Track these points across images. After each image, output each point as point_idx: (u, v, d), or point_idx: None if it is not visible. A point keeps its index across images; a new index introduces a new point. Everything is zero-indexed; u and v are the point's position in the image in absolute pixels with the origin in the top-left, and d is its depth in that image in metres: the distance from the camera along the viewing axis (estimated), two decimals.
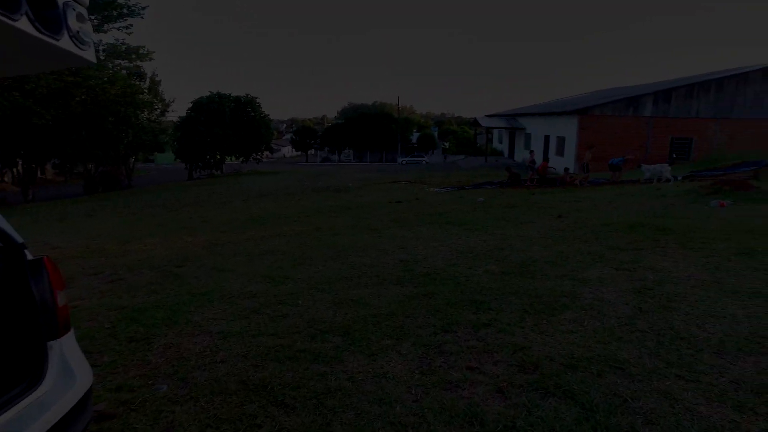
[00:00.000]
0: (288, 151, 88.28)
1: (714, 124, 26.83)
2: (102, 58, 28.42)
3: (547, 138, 33.21)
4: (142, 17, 28.85)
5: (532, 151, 22.15)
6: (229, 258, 7.15)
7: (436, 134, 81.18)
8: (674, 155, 21.30)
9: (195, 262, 6.92)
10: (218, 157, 42.66)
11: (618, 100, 27.47)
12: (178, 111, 71.34)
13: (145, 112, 34.53)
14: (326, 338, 3.73)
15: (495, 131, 49.94)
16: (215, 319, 4.34)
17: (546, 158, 23.98)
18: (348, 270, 5.99)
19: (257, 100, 43.85)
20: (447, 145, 67.31)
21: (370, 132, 64.66)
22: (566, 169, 19.98)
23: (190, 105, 40.72)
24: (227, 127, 40.18)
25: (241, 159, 46.55)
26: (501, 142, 48.64)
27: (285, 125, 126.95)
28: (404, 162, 55.88)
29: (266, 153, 52.47)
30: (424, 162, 54.61)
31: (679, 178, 15.68)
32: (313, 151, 73.89)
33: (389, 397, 2.84)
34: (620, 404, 2.61)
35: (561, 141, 30.00)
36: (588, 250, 6.28)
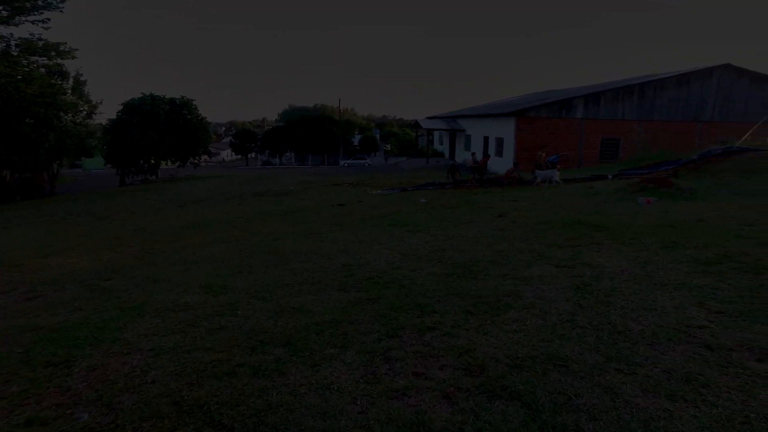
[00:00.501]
0: (227, 154, 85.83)
1: (638, 126, 28.52)
2: (14, 53, 26.23)
3: (486, 139, 34.11)
4: (61, 11, 26.85)
5: (473, 153, 22.63)
6: (163, 268, 6.76)
7: (377, 136, 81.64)
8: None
9: (125, 274, 6.50)
10: (152, 161, 40.77)
11: (552, 103, 28.62)
12: (108, 113, 67.60)
13: (69, 114, 32.38)
14: (267, 350, 3.55)
15: (436, 133, 50.78)
16: (147, 335, 4.05)
17: (486, 155, 24.46)
18: (289, 276, 5.81)
19: (193, 102, 42.34)
20: (389, 146, 67.78)
21: (312, 134, 64.05)
22: (516, 164, 20.34)
23: (121, 107, 38.69)
24: (162, 130, 38.46)
25: (177, 163, 44.73)
26: (442, 144, 49.53)
27: (224, 128, 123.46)
28: (346, 164, 55.77)
29: (204, 157, 50.69)
30: (366, 164, 54.69)
31: (610, 177, 16.50)
32: (253, 155, 72.18)
33: (334, 410, 2.73)
34: (565, 402, 2.62)
35: (500, 142, 30.88)
36: (528, 249, 6.42)
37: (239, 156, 75.47)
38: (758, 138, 15.31)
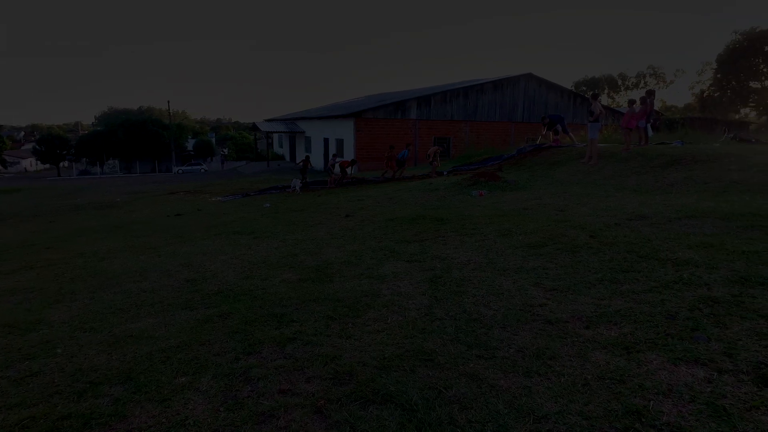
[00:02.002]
0: (30, 163, 73.85)
1: (465, 125, 31.38)
2: None
3: (326, 141, 34.44)
4: None
5: (334, 155, 22.55)
6: None
7: (213, 140, 77.48)
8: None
9: None
10: None
11: (388, 104, 30.01)
12: None
13: None
14: (100, 391, 3.00)
15: (275, 135, 49.84)
16: None
17: (343, 158, 24.63)
18: (123, 300, 5.09)
19: None
20: (226, 151, 64.68)
21: (139, 140, 58.07)
22: (404, 159, 20.50)
23: None
24: None
25: None
26: (282, 146, 48.81)
27: (23, 133, 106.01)
28: (180, 171, 51.83)
29: None
30: (202, 170, 51.50)
31: (446, 173, 17.77)
32: (66, 163, 63.08)
33: None
34: (436, 397, 2.64)
35: (340, 143, 31.42)
36: (379, 246, 6.52)
37: (47, 165, 65.47)
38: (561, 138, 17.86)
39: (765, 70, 44.46)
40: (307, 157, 22.55)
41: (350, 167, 21.37)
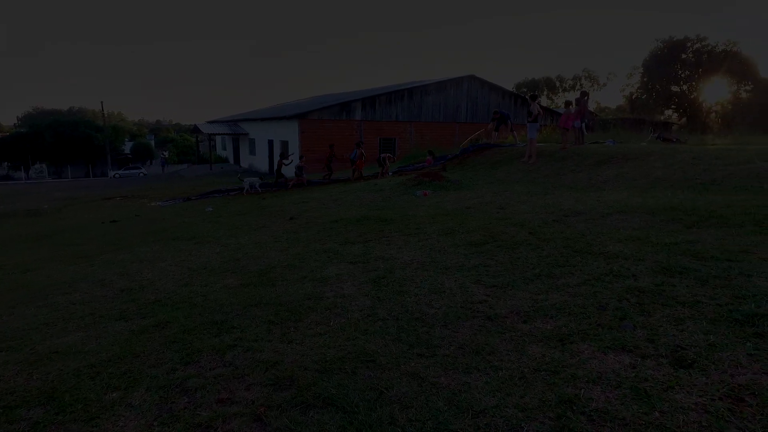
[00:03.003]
0: None
1: (409, 126, 31.70)
2: None
3: (270, 143, 33.85)
4: None
5: (302, 157, 21.98)
6: None
7: (153, 143, 74.40)
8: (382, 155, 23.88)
9: None
10: None
11: (333, 105, 29.86)
12: None
13: None
14: (17, 416, 2.78)
15: (218, 138, 48.51)
16: None
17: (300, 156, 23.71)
18: (49, 314, 4.79)
19: None
20: (167, 154, 62.23)
21: (70, 142, 54.76)
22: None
23: None
24: None
25: None
26: (225, 149, 47.56)
27: None
28: (117, 175, 49.42)
29: None
30: (141, 174, 49.35)
31: (391, 174, 17.88)
32: None
33: None
34: (377, 398, 2.64)
35: (285, 145, 30.95)
36: (323, 249, 6.47)
37: None
38: (501, 135, 18.40)
39: (682, 75, 47.66)
40: (282, 155, 21.75)
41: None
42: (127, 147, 67.09)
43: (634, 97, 51.94)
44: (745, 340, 2.87)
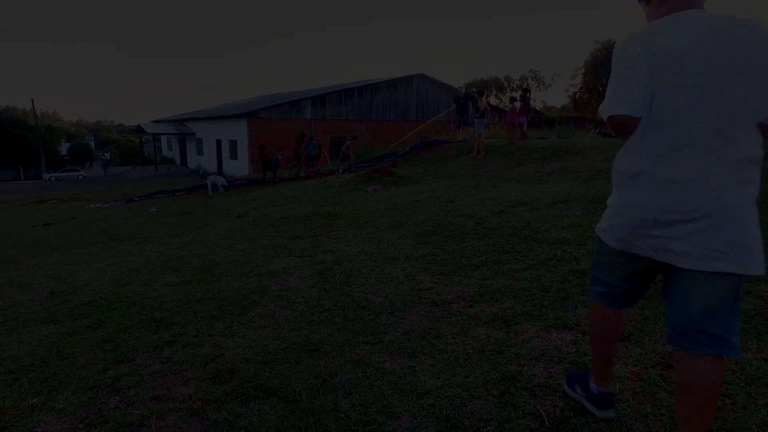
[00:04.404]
0: None
1: (360, 125, 31.62)
2: None
3: (219, 142, 32.97)
4: None
5: (280, 149, 21.19)
6: None
7: (92, 144, 70.99)
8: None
9: None
10: None
11: (282, 104, 29.37)
12: None
13: None
14: None
15: (164, 138, 46.87)
16: None
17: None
18: None
19: None
20: (108, 155, 59.48)
21: None
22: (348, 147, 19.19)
23: None
24: None
25: None
26: (171, 149, 45.94)
27: None
28: (53, 178, 46.79)
29: None
30: (80, 176, 46.95)
31: (341, 171, 17.77)
32: None
33: None
34: (321, 385, 2.56)
35: (233, 144, 30.24)
36: (270, 245, 6.32)
37: None
38: (449, 132, 18.66)
39: None
40: (262, 147, 20.71)
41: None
42: (64, 148, 63.68)
43: (577, 96, 53.94)
44: None
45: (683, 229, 1.59)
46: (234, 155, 30.38)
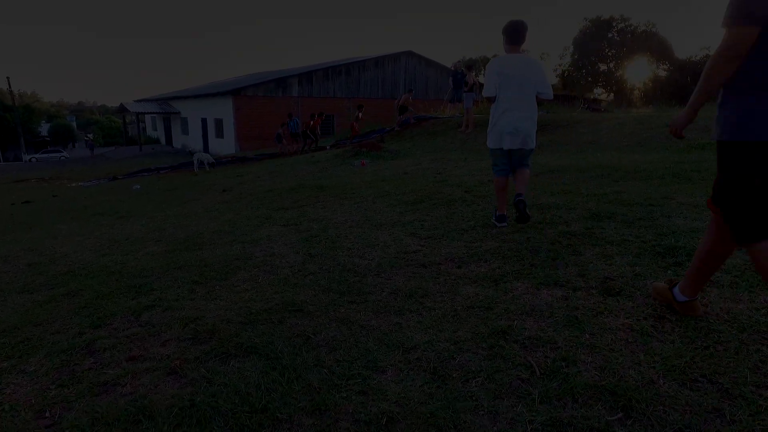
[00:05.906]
0: None
1: (348, 102, 31.21)
2: None
3: (204, 121, 32.42)
4: None
5: (283, 124, 20.58)
6: None
7: (74, 125, 69.54)
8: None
9: None
10: None
11: (269, 81, 28.85)
12: None
13: None
14: None
15: (148, 118, 46.05)
16: None
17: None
18: None
19: None
20: (92, 136, 58.27)
21: None
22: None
23: None
24: None
25: None
26: (156, 129, 45.17)
27: None
28: (34, 159, 45.79)
29: None
30: (62, 157, 46.03)
31: (329, 148, 17.56)
32: None
33: None
34: (303, 343, 2.48)
35: (219, 123, 29.76)
36: (255, 215, 6.19)
37: None
38: (437, 108, 18.48)
39: (609, 53, 49.64)
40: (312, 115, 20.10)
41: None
42: (45, 129, 62.25)
43: (566, 74, 53.70)
44: (666, 269, 2.94)
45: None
46: (220, 134, 29.91)
